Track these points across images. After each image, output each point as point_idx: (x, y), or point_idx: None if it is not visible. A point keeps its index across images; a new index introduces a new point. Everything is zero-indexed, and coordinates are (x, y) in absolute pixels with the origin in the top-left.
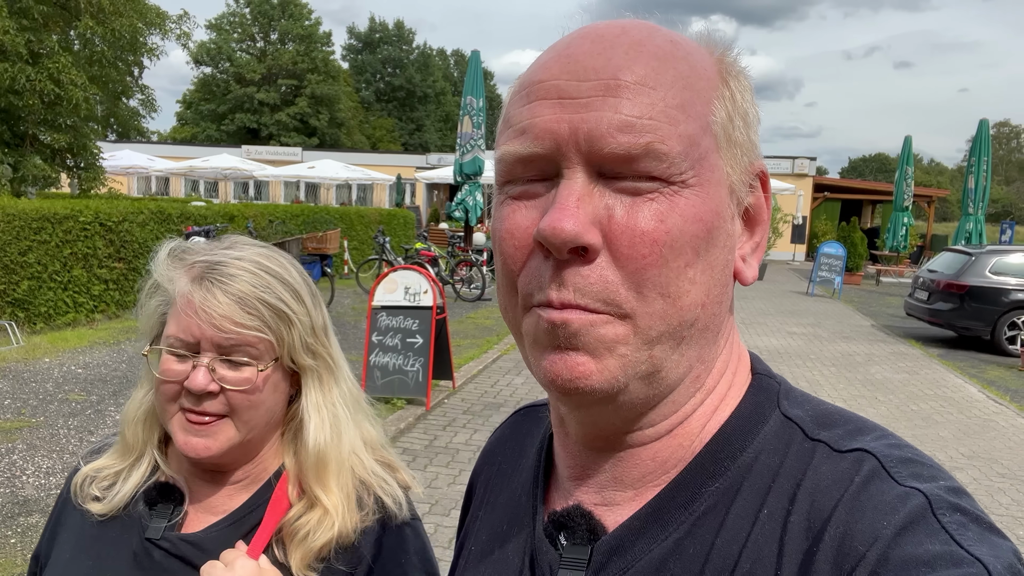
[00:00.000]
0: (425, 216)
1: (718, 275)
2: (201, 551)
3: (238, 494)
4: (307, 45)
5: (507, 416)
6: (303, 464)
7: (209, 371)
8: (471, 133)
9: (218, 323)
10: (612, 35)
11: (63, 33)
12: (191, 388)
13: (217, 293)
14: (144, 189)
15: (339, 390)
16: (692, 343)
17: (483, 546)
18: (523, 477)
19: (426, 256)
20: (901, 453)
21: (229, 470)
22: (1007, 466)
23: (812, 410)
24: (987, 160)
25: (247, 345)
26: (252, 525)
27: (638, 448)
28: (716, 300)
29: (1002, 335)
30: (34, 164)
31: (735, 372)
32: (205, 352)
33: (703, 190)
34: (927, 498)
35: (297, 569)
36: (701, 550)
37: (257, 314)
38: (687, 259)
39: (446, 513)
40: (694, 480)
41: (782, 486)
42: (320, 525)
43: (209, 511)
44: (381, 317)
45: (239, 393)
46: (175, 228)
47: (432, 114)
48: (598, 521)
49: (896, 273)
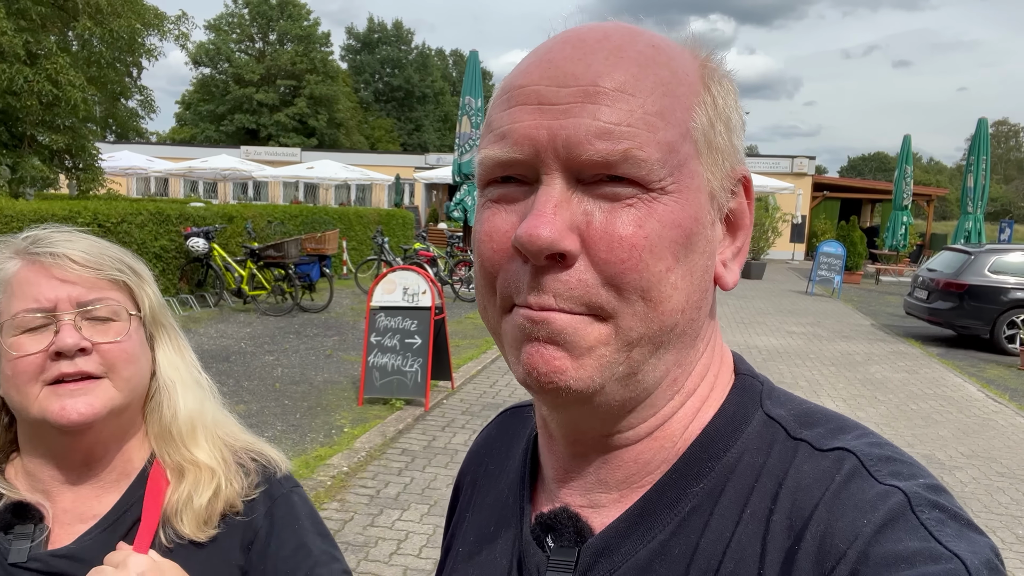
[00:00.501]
0: (424, 216)
1: (698, 280)
2: (78, 562)
3: (107, 495)
4: (306, 46)
5: None
6: (171, 434)
7: (76, 328)
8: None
9: (73, 274)
10: (593, 40)
11: (61, 34)
12: (61, 348)
13: (61, 249)
14: (143, 190)
15: (192, 360)
16: (670, 348)
17: (470, 547)
18: (509, 478)
19: (425, 256)
20: (881, 452)
21: (100, 461)
22: (1006, 465)
23: (794, 409)
24: (986, 159)
25: (107, 296)
26: (129, 525)
27: (620, 450)
28: (696, 305)
29: (1001, 334)
30: (32, 165)
31: (717, 374)
32: (64, 312)
33: (682, 196)
34: (906, 496)
35: (192, 532)
36: (686, 550)
37: (106, 259)
38: (667, 264)
39: (444, 514)
40: (679, 481)
41: (765, 485)
42: (199, 483)
43: (77, 520)
44: (380, 318)
45: (114, 346)
46: (174, 229)
47: (431, 114)
48: (585, 523)
49: (895, 272)
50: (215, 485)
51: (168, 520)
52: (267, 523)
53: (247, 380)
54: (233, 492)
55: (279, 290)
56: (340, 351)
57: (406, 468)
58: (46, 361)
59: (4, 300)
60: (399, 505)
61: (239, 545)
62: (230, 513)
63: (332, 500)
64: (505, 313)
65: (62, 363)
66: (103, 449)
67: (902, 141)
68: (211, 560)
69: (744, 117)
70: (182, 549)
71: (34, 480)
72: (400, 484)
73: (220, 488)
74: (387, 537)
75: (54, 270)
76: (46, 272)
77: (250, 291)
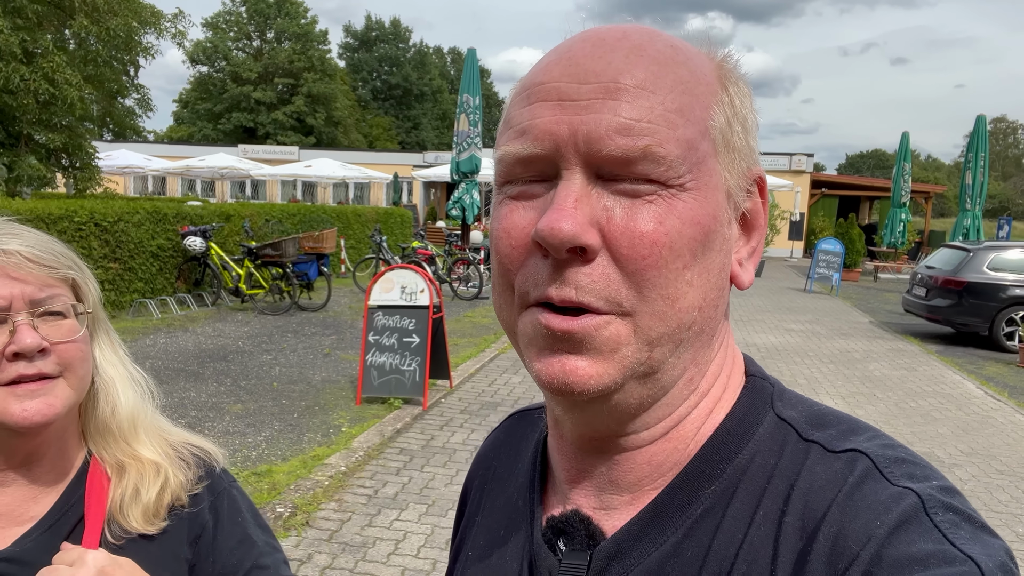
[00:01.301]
0: (422, 215)
1: (714, 278)
2: (21, 565)
3: (44, 496)
4: (303, 44)
5: (503, 417)
6: (111, 431)
7: (33, 328)
8: (468, 131)
9: (26, 272)
10: (613, 39)
11: (57, 32)
12: (21, 349)
13: (11, 245)
14: (140, 189)
15: (126, 356)
16: (688, 346)
17: (481, 551)
18: (519, 481)
19: (423, 255)
20: (894, 453)
21: (41, 460)
22: (1006, 463)
23: (806, 411)
24: (985, 156)
25: (59, 293)
26: (72, 525)
27: (633, 451)
28: (712, 303)
29: (1000, 331)
30: (29, 164)
31: (729, 375)
32: (18, 311)
33: (700, 194)
34: (920, 497)
35: (141, 526)
36: (698, 553)
37: (57, 256)
38: (685, 261)
39: (443, 514)
40: (691, 483)
41: (777, 487)
42: (144, 478)
43: (13, 523)
44: (377, 316)
45: (70, 345)
46: (171, 228)
47: (429, 112)
48: (596, 526)
49: (894, 269)
50: (162, 479)
51: (113, 517)
52: (212, 517)
53: (244, 379)
54: (179, 485)
55: (277, 289)
56: (338, 350)
57: (404, 468)
58: (2, 361)
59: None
60: (397, 505)
61: (186, 539)
62: (176, 506)
63: (330, 500)
64: (523, 310)
65: (19, 364)
66: (46, 448)
67: (901, 138)
68: (160, 553)
69: (758, 119)
70: (131, 544)
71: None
72: (398, 484)
73: (168, 481)
74: (385, 537)
75: (7, 268)
76: (5, 264)
77: (248, 290)
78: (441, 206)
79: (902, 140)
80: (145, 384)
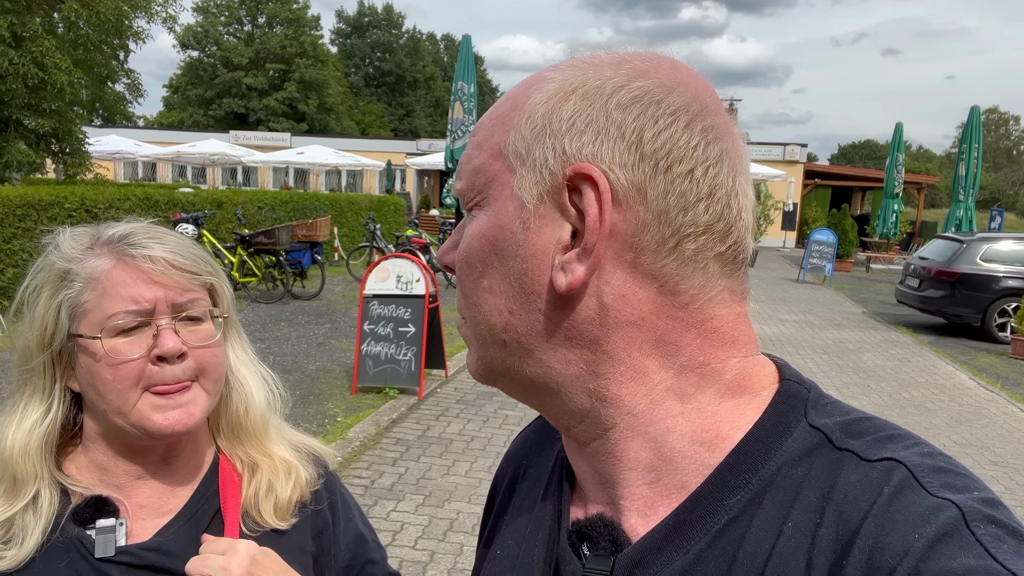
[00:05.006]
0: (415, 203)
1: (516, 283)
2: (167, 555)
3: (180, 491)
4: (295, 29)
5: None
6: (245, 429)
7: (175, 332)
8: (462, 119)
9: (170, 277)
10: (506, 95)
11: (47, 16)
12: (164, 353)
13: (156, 251)
14: (131, 175)
15: (254, 355)
16: (532, 348)
17: (510, 550)
18: (547, 481)
19: (417, 243)
20: (933, 462)
21: (178, 456)
22: (999, 454)
23: (841, 418)
24: (978, 147)
25: (198, 297)
26: (209, 518)
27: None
28: (525, 307)
29: (992, 322)
30: (18, 150)
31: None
32: (161, 315)
33: (491, 208)
34: (960, 510)
35: (273, 521)
36: (723, 563)
37: (197, 261)
38: (479, 271)
39: (440, 504)
40: (715, 492)
41: (807, 498)
42: (278, 475)
43: (153, 515)
44: (373, 306)
45: (206, 350)
46: (162, 215)
47: (422, 99)
48: (621, 532)
49: (886, 260)
50: (294, 477)
51: (247, 511)
52: (331, 513)
53: None
54: (305, 483)
55: (270, 277)
56: (332, 339)
57: (400, 458)
58: (146, 366)
59: (93, 299)
60: (394, 496)
61: (310, 533)
62: (302, 503)
63: None
64: None
65: (162, 368)
66: (182, 446)
67: (894, 129)
68: (289, 546)
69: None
70: (265, 538)
71: (106, 475)
72: (395, 474)
73: (298, 478)
74: (382, 528)
75: (152, 273)
76: (142, 273)
77: (240, 278)
78: (435, 194)
79: (896, 131)
80: (272, 383)
